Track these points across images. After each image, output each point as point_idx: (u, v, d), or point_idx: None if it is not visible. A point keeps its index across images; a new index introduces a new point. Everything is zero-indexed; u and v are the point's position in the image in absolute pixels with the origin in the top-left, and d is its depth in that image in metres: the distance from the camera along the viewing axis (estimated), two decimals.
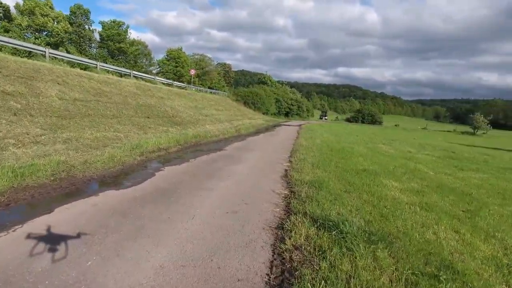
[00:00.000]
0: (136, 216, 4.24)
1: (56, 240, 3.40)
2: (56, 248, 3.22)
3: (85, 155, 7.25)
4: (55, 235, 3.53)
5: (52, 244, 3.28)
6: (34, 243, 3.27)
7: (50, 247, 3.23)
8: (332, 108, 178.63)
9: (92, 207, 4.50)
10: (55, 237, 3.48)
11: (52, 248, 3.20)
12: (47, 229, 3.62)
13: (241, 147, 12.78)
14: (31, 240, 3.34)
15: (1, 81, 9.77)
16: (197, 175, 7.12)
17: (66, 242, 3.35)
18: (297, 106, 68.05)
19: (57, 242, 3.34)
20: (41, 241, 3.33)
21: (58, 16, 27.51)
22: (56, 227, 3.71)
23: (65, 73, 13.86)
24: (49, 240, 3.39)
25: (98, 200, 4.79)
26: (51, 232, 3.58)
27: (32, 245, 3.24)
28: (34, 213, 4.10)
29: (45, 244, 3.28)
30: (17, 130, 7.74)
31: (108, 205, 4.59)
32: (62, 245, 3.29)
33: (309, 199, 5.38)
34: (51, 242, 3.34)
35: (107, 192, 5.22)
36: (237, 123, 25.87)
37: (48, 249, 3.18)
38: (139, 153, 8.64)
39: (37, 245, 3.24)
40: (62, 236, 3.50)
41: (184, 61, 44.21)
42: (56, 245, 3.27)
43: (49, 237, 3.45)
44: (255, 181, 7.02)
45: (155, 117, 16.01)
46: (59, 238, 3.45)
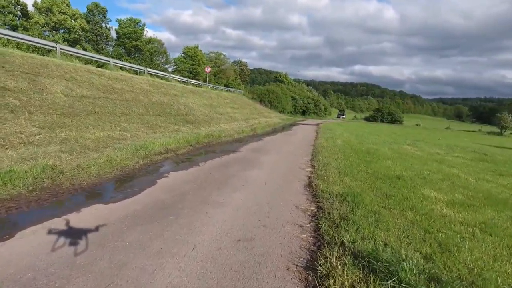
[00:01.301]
0: (117, 247, 3.18)
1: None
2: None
3: (80, 158, 6.31)
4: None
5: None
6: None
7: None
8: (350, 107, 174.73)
9: (68, 229, 3.48)
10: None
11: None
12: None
13: (257, 149, 11.65)
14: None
15: (2, 76, 9.02)
16: (206, 183, 6.04)
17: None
18: (314, 105, 66.27)
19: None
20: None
21: (75, 14, 27.20)
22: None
23: (74, 69, 13.11)
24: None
25: (76, 220, 3.78)
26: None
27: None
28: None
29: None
30: (9, 129, 6.89)
31: (86, 227, 3.57)
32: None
33: (343, 221, 4.20)
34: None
35: (92, 208, 4.21)
36: (253, 122, 24.77)
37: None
38: (143, 155, 7.65)
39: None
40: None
41: (200, 59, 43.43)
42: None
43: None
44: (274, 192, 5.87)
45: (167, 115, 15.10)
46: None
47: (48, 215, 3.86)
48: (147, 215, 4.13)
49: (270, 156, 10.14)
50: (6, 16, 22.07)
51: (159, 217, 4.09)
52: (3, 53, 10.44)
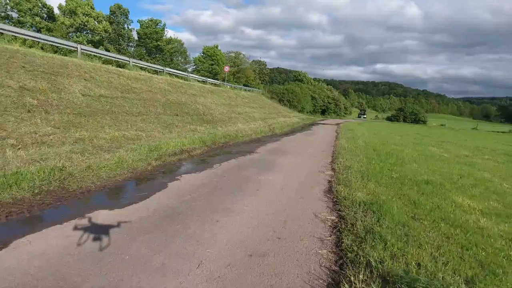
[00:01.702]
0: (114, 262, 2.86)
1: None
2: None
3: (91, 159, 6.12)
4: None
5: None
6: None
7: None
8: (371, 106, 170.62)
9: (64, 239, 3.21)
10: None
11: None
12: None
13: (275, 150, 11.23)
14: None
15: (22, 76, 9.05)
16: (219, 188, 5.69)
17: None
18: (334, 104, 64.92)
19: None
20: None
21: (99, 16, 27.74)
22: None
23: (94, 69, 13.15)
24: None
25: (75, 229, 3.50)
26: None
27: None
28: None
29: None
30: (24, 129, 6.82)
31: (84, 238, 3.28)
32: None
33: (369, 235, 3.72)
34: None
35: (95, 214, 3.94)
36: (271, 121, 24.34)
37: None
38: (157, 156, 7.41)
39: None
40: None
41: (220, 59, 43.39)
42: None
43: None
44: (291, 198, 5.44)
45: (185, 114, 14.94)
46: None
47: (48, 221, 3.62)
48: (153, 223, 3.82)
49: (288, 158, 9.69)
50: (34, 18, 22.79)
51: (166, 226, 3.76)
52: (25, 54, 10.53)
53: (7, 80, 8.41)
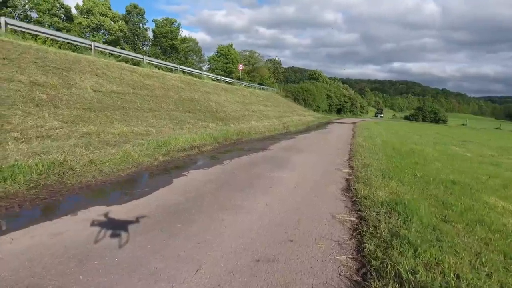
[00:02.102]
0: (101, 267, 2.49)
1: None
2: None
3: (96, 153, 5.84)
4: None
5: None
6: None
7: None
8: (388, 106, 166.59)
9: (50, 238, 2.86)
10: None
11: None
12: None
13: (288, 147, 10.75)
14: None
15: (33, 71, 8.93)
16: (228, 184, 5.28)
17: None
18: (350, 103, 63.58)
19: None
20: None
21: (115, 16, 27.96)
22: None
23: (106, 66, 13.03)
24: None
25: (65, 227, 3.16)
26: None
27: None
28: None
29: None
30: (30, 123, 6.62)
31: (73, 237, 2.94)
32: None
33: (395, 239, 3.21)
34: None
35: (90, 211, 3.59)
36: (285, 120, 23.80)
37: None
38: (164, 152, 7.08)
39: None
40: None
41: (234, 58, 43.12)
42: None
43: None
44: (305, 196, 4.98)
45: (197, 111, 14.65)
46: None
47: (38, 218, 3.31)
48: (152, 221, 3.44)
49: (303, 155, 9.20)
50: (52, 18, 23.14)
51: (165, 225, 3.38)
52: (37, 49, 10.46)
53: (18, 75, 8.29)
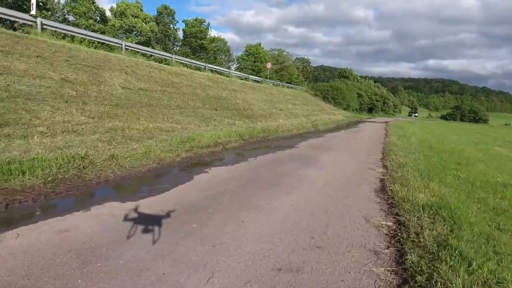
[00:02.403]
0: (103, 269, 2.23)
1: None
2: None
3: (118, 148, 5.73)
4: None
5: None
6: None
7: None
8: (423, 105, 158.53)
9: (55, 235, 2.67)
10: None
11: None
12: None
13: (317, 145, 10.24)
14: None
15: (65, 69, 9.13)
16: (251, 182, 4.94)
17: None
18: (382, 102, 61.11)
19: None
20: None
21: (146, 17, 28.70)
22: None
23: (136, 64, 13.21)
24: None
25: (74, 223, 2.97)
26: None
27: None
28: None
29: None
30: (58, 118, 6.68)
31: (80, 233, 2.72)
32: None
33: (443, 249, 2.71)
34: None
35: (104, 207, 3.40)
36: (314, 118, 23.13)
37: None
38: (188, 148, 6.89)
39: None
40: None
41: (263, 57, 42.82)
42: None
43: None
44: (335, 197, 4.52)
45: (224, 109, 14.49)
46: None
47: (50, 212, 3.15)
48: (165, 220, 3.17)
49: (332, 153, 8.67)
50: (88, 21, 24.16)
51: (179, 224, 3.09)
52: (70, 48, 10.73)
53: (50, 72, 8.47)
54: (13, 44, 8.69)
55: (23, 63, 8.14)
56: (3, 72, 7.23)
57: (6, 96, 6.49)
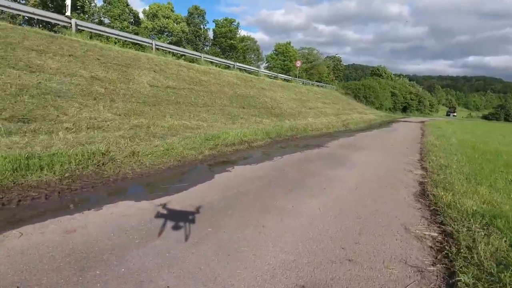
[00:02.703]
0: (100, 279, 1.98)
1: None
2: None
3: (140, 145, 5.59)
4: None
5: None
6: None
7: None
8: (462, 104, 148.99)
9: (60, 236, 2.46)
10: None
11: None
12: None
13: (348, 144, 9.65)
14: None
15: (95, 67, 9.27)
16: (275, 183, 4.57)
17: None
18: (417, 101, 57.99)
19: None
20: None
21: (177, 18, 29.18)
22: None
23: (165, 63, 13.29)
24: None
25: (84, 221, 2.76)
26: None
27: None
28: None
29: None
30: (85, 115, 6.70)
31: (90, 233, 2.50)
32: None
33: (506, 271, 2.19)
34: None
35: (117, 205, 3.19)
36: (345, 117, 22.26)
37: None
38: (212, 145, 6.64)
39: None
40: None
41: (292, 55, 42.13)
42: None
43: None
44: (368, 200, 4.04)
45: (251, 107, 14.20)
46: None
47: (60, 210, 2.98)
48: (179, 223, 2.89)
49: (364, 153, 8.07)
50: (122, 23, 25.01)
51: (194, 228, 2.80)
52: (101, 48, 10.93)
53: (81, 70, 8.61)
54: (47, 44, 8.93)
55: (55, 61, 8.31)
56: (36, 70, 7.40)
57: (37, 93, 6.60)
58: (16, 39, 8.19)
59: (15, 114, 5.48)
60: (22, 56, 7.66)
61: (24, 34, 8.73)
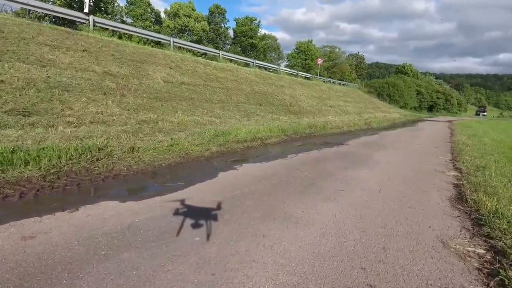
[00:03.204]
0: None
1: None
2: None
3: (144, 140, 5.19)
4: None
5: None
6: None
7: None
8: (492, 103, 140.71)
9: (15, 243, 2.01)
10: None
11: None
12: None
13: (370, 143, 8.88)
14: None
15: (109, 63, 9.05)
16: (285, 183, 3.99)
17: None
18: (444, 99, 55.05)
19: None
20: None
21: (198, 17, 29.03)
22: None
23: (181, 60, 12.99)
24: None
25: (54, 225, 2.32)
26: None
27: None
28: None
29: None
30: (91, 109, 6.40)
31: (52, 241, 2.05)
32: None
33: None
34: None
35: (96, 206, 2.74)
36: (367, 116, 21.22)
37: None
38: (221, 142, 6.15)
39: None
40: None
41: (313, 54, 41.02)
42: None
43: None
44: (394, 206, 3.38)
45: (269, 104, 13.64)
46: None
47: (29, 212, 2.56)
48: (163, 229, 2.39)
49: (388, 152, 7.31)
50: (144, 22, 25.17)
51: (179, 237, 2.29)
52: (117, 44, 10.75)
53: (94, 65, 8.39)
54: (62, 39, 8.77)
55: (68, 56, 8.12)
56: (47, 65, 7.20)
57: (44, 87, 6.36)
58: (31, 34, 8.06)
59: (16, 107, 5.23)
60: (34, 50, 7.50)
61: (40, 29, 8.60)
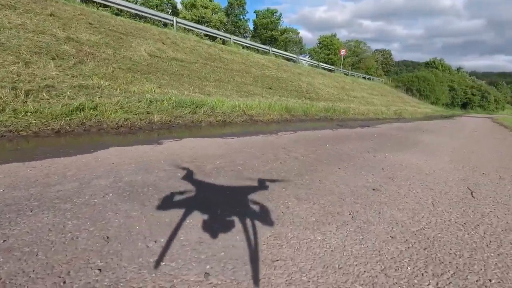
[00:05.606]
0: None
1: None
2: None
3: (40, 102, 3.15)
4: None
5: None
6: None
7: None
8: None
9: None
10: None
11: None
12: None
13: (405, 128, 6.38)
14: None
15: (80, 30, 7.33)
16: (246, 168, 1.79)
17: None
18: (480, 96, 49.73)
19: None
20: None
21: (215, 8, 27.01)
22: None
23: (181, 38, 11.12)
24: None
25: None
26: None
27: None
28: None
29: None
30: (12, 69, 4.53)
31: None
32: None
33: None
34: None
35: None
36: (396, 108, 18.28)
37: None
38: (183, 113, 4.00)
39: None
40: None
41: (337, 48, 37.83)
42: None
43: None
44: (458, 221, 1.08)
45: (280, 89, 11.40)
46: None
47: None
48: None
49: (432, 136, 4.84)
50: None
51: None
52: (101, 15, 8.98)
53: (56, 29, 6.59)
54: (26, 2, 7.05)
55: (24, 17, 6.35)
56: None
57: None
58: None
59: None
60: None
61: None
